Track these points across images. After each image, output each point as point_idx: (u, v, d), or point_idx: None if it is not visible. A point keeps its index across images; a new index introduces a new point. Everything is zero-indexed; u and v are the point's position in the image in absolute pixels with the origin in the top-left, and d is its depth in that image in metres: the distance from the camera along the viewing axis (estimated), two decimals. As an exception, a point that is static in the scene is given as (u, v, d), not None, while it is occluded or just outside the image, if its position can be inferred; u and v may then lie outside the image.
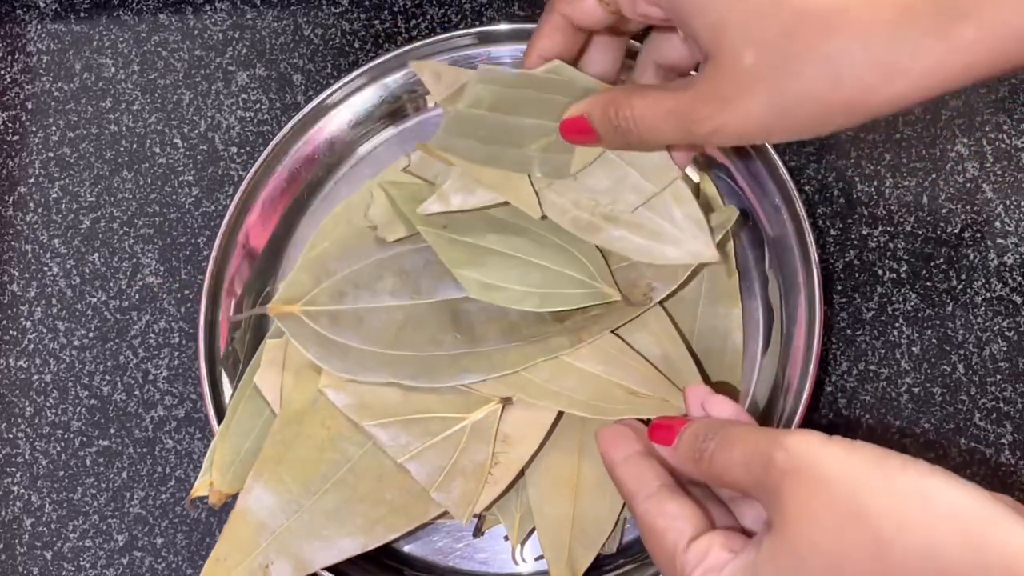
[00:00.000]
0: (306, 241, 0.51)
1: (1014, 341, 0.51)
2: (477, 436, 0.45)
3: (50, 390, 0.54)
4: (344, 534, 0.44)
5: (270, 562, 0.44)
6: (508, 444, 0.45)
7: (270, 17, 0.60)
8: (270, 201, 0.53)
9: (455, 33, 0.53)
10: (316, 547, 0.44)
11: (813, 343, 0.47)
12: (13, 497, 0.52)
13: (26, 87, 0.60)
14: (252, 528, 0.44)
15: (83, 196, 0.57)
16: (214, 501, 0.46)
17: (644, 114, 0.40)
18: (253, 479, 0.45)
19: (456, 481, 0.44)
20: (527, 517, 0.46)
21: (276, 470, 0.45)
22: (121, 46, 0.60)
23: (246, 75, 0.59)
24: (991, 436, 0.50)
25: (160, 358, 0.54)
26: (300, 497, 0.45)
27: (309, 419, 0.46)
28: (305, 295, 0.46)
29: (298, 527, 0.44)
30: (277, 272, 0.53)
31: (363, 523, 0.45)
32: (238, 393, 0.48)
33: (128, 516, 0.52)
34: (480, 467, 0.44)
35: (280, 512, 0.45)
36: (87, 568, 0.51)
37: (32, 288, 0.56)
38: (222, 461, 0.47)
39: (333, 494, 0.45)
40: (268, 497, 0.45)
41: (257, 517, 0.44)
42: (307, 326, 0.45)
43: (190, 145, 0.58)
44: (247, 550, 0.44)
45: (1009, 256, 0.53)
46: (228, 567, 0.44)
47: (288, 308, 0.45)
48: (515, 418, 0.45)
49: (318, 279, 0.46)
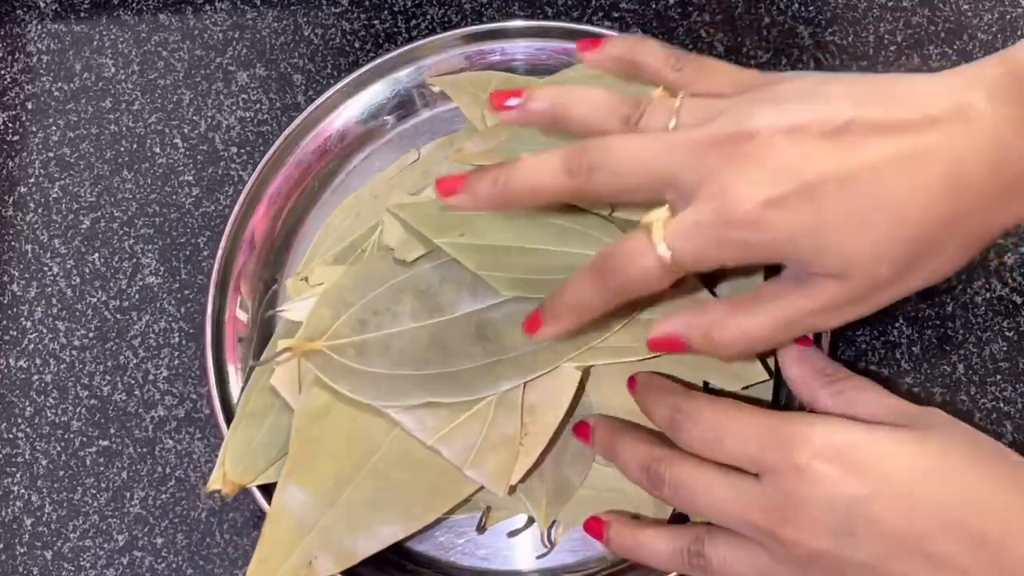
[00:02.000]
0: (315, 235, 0.52)
1: (1014, 341, 0.51)
2: (503, 409, 0.45)
3: (50, 390, 0.54)
4: (383, 521, 0.44)
5: (313, 558, 0.44)
6: (534, 414, 0.45)
7: (270, 17, 0.60)
8: (279, 194, 0.53)
9: (466, 29, 0.54)
10: (357, 538, 0.44)
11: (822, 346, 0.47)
12: (13, 497, 0.52)
13: (26, 87, 0.60)
14: (290, 527, 0.44)
15: (83, 196, 0.57)
16: (227, 491, 0.46)
17: (751, 332, 0.40)
18: (285, 478, 0.45)
19: (488, 456, 0.44)
20: (554, 502, 0.46)
21: (307, 466, 0.45)
22: (121, 46, 0.60)
23: (246, 75, 0.59)
24: (991, 436, 0.50)
25: (160, 358, 0.54)
26: (334, 490, 0.45)
27: (334, 412, 0.45)
28: (327, 330, 0.46)
29: (336, 520, 0.44)
30: (285, 265, 0.53)
31: (400, 508, 0.44)
32: (250, 385, 0.48)
33: (128, 516, 0.52)
34: (510, 439, 0.45)
35: (316, 507, 0.44)
36: (87, 568, 0.51)
37: (32, 288, 0.56)
38: (234, 452, 0.47)
39: (366, 484, 0.45)
40: (301, 494, 0.44)
41: (294, 515, 0.44)
42: (334, 360, 0.45)
43: (190, 145, 0.58)
44: (288, 549, 0.44)
45: (1009, 256, 0.53)
46: (271, 568, 0.44)
47: (312, 345, 0.45)
48: (538, 388, 0.45)
49: (337, 312, 0.46)
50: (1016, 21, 0.57)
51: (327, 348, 0.45)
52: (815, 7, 0.58)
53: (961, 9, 0.57)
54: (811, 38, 0.57)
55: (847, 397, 0.41)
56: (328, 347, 0.45)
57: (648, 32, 0.58)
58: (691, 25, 0.58)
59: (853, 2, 0.58)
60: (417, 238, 0.47)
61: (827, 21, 0.58)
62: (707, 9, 0.58)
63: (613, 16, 0.58)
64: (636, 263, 0.39)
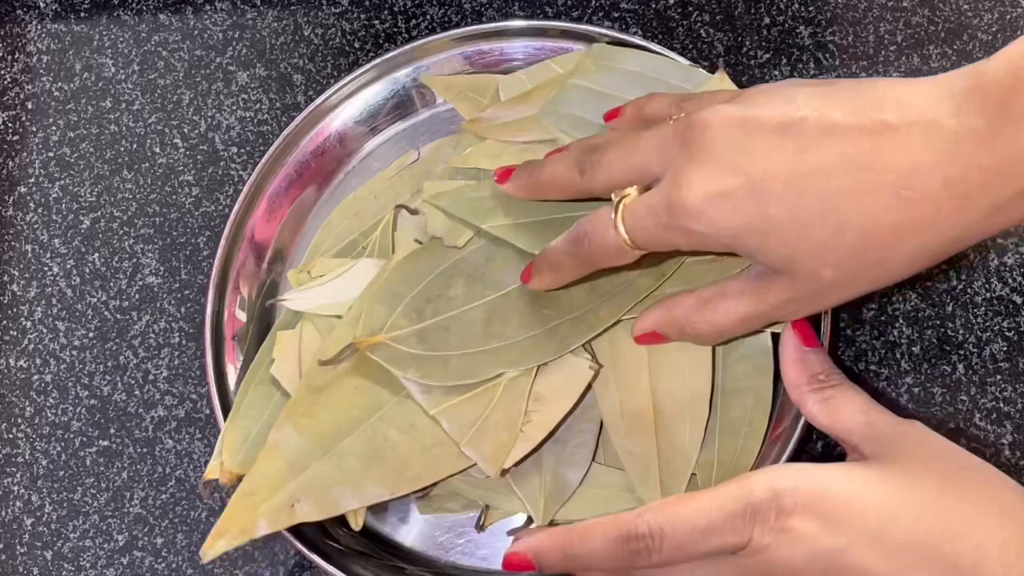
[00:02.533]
0: (315, 234, 0.52)
1: (1014, 341, 0.51)
2: (511, 393, 0.45)
3: (50, 390, 0.54)
4: (373, 479, 0.44)
5: (296, 500, 0.44)
6: (541, 403, 0.45)
7: (270, 17, 0.60)
8: (278, 194, 0.53)
9: (466, 29, 0.54)
10: (344, 490, 0.44)
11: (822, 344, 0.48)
12: (13, 497, 0.52)
13: (26, 87, 0.60)
14: (281, 466, 0.44)
15: (83, 196, 0.57)
16: (225, 481, 0.46)
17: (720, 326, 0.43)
18: (285, 417, 0.45)
19: (487, 436, 0.45)
20: (552, 500, 0.46)
21: (309, 411, 0.45)
22: (121, 46, 0.60)
23: (246, 75, 0.59)
24: (991, 436, 0.50)
25: (160, 358, 0.54)
26: (331, 439, 0.45)
27: (345, 365, 0.46)
28: (385, 323, 0.46)
29: (327, 469, 0.44)
30: (285, 265, 0.53)
31: (391, 471, 0.45)
32: (248, 376, 0.49)
33: (128, 516, 0.52)
34: (512, 423, 0.45)
35: (310, 452, 0.44)
36: (87, 568, 0.51)
37: (32, 288, 0.56)
38: (233, 442, 0.47)
39: (363, 439, 0.45)
40: (298, 437, 0.45)
41: (287, 455, 0.44)
42: (398, 350, 0.45)
43: (190, 145, 0.58)
44: (275, 487, 0.44)
45: (1009, 256, 0.53)
46: (255, 502, 0.44)
47: (375, 339, 0.45)
48: (549, 378, 0.46)
49: (392, 306, 0.46)
50: (1016, 21, 0.57)
51: (389, 340, 0.46)
52: (815, 7, 0.58)
53: (961, 9, 0.57)
54: (811, 38, 0.57)
55: (831, 406, 0.41)
56: (390, 339, 0.46)
57: (648, 32, 0.58)
58: (691, 25, 0.58)
59: (853, 2, 0.58)
60: (462, 224, 0.48)
61: (827, 21, 0.58)
62: (707, 9, 0.58)
63: (613, 16, 0.58)
64: (601, 237, 0.42)
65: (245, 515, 0.43)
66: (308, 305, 0.49)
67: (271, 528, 0.43)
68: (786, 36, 0.57)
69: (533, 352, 0.45)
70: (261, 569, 0.50)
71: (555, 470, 0.47)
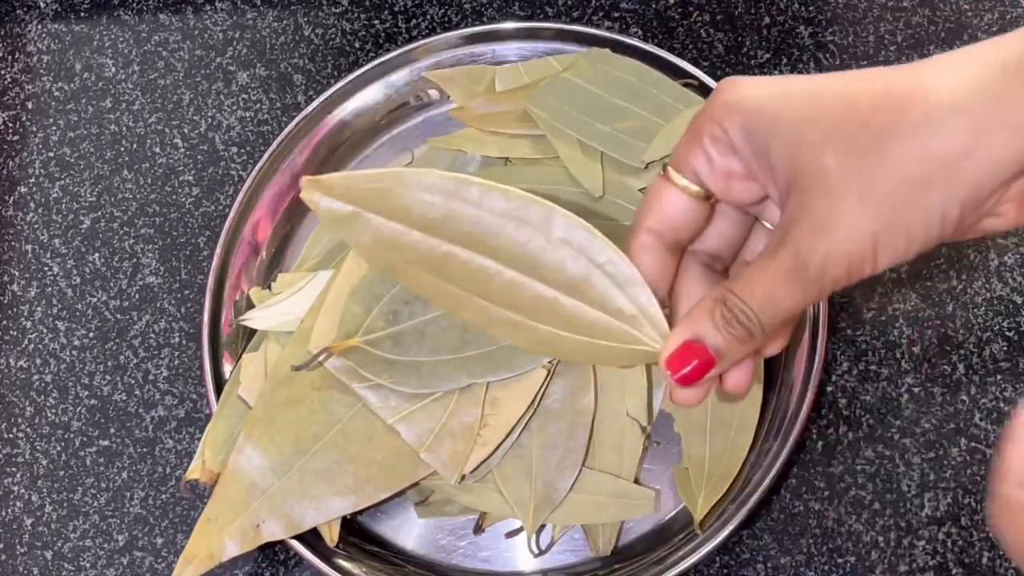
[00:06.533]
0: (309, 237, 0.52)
1: (1014, 341, 0.51)
2: (466, 398, 0.45)
3: (50, 390, 0.54)
4: (334, 494, 0.45)
5: (261, 521, 0.44)
6: (497, 406, 0.45)
7: (270, 17, 0.60)
8: (276, 197, 0.53)
9: (464, 31, 0.54)
10: (307, 506, 0.45)
11: (817, 344, 0.47)
12: (13, 497, 0.52)
13: (26, 87, 0.60)
14: (243, 488, 0.45)
15: (83, 196, 0.57)
16: (205, 480, 0.47)
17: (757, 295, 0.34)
18: (244, 439, 0.45)
19: (445, 442, 0.45)
20: (542, 506, 0.46)
21: (267, 430, 0.45)
22: (121, 46, 0.60)
23: (246, 75, 0.59)
24: (991, 436, 0.50)
25: (160, 358, 0.54)
26: (291, 457, 0.45)
27: (299, 381, 0.46)
28: (361, 325, 0.46)
29: (289, 487, 0.45)
30: (284, 265, 0.54)
31: (353, 483, 0.45)
32: (231, 379, 0.49)
33: (128, 516, 0.52)
34: (469, 428, 0.45)
35: (271, 472, 0.45)
36: (87, 568, 0.51)
37: (32, 288, 0.56)
38: (214, 442, 0.47)
39: (323, 454, 0.45)
40: (259, 457, 0.45)
41: (248, 477, 0.45)
42: (372, 354, 0.45)
43: (190, 145, 0.58)
44: (238, 509, 0.45)
45: (1009, 256, 0.53)
46: (219, 526, 0.44)
47: (349, 343, 0.45)
48: (504, 382, 0.46)
49: (368, 306, 0.46)
50: (1016, 21, 0.57)
51: (364, 343, 0.45)
52: (815, 7, 0.58)
53: (961, 9, 0.57)
54: (811, 38, 0.57)
55: None
56: (365, 342, 0.46)
57: (648, 32, 0.58)
58: (691, 25, 0.58)
59: (853, 2, 0.58)
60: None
61: (827, 21, 0.58)
62: (707, 9, 0.58)
63: (613, 16, 0.58)
64: None
65: (212, 540, 0.44)
66: (268, 324, 0.49)
67: (241, 549, 0.44)
68: (786, 36, 0.57)
69: (507, 363, 0.45)
70: (261, 569, 0.50)
71: (545, 476, 0.47)
